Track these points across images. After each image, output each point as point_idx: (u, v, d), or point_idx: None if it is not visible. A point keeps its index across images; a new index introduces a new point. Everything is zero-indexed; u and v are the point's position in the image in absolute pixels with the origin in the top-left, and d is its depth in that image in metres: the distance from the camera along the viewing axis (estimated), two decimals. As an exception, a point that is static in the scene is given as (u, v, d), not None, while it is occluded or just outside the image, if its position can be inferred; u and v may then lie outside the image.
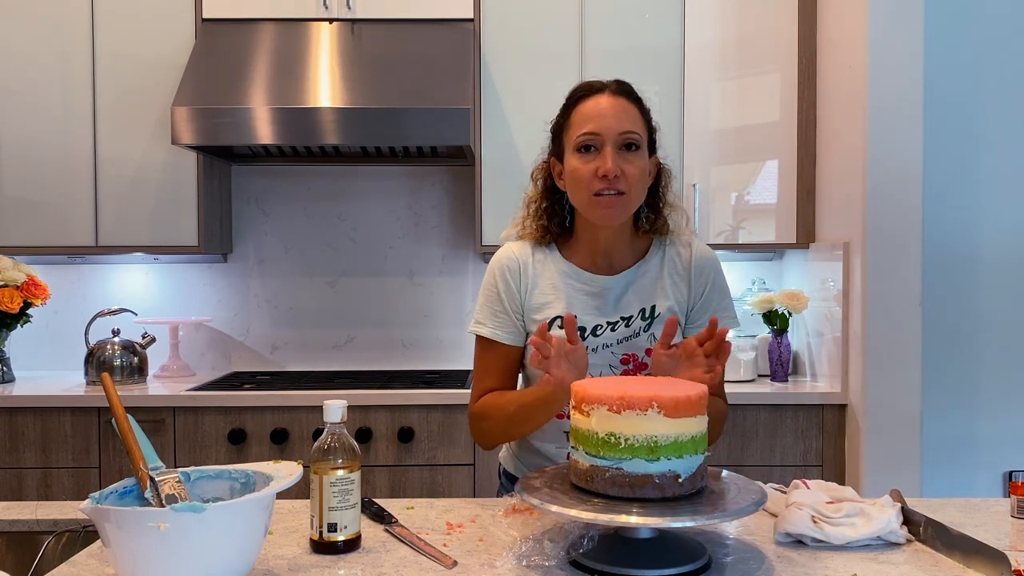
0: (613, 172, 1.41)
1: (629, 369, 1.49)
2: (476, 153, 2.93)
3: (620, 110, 1.44)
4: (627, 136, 1.43)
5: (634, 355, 1.49)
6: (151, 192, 2.93)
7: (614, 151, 1.42)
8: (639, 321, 1.50)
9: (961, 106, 3.03)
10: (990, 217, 3.04)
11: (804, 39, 2.96)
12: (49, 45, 2.90)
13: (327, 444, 1.19)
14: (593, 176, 1.42)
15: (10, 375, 2.95)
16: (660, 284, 1.53)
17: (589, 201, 1.44)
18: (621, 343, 1.49)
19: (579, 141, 1.44)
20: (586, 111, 1.45)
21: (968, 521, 1.35)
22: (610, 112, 1.43)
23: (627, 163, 1.43)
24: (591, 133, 1.43)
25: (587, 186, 1.43)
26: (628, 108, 1.45)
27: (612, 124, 1.42)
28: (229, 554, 1.02)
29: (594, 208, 1.44)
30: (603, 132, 1.42)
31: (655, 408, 1.07)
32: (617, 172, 1.41)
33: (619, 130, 1.42)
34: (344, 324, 3.28)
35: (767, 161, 3.00)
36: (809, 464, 2.72)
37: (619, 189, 1.42)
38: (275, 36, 2.89)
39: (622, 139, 1.43)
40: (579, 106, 1.47)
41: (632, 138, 1.43)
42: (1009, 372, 3.06)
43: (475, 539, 1.26)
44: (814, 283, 2.96)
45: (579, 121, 1.45)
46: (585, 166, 1.43)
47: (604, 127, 1.42)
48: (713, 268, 1.55)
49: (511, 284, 1.53)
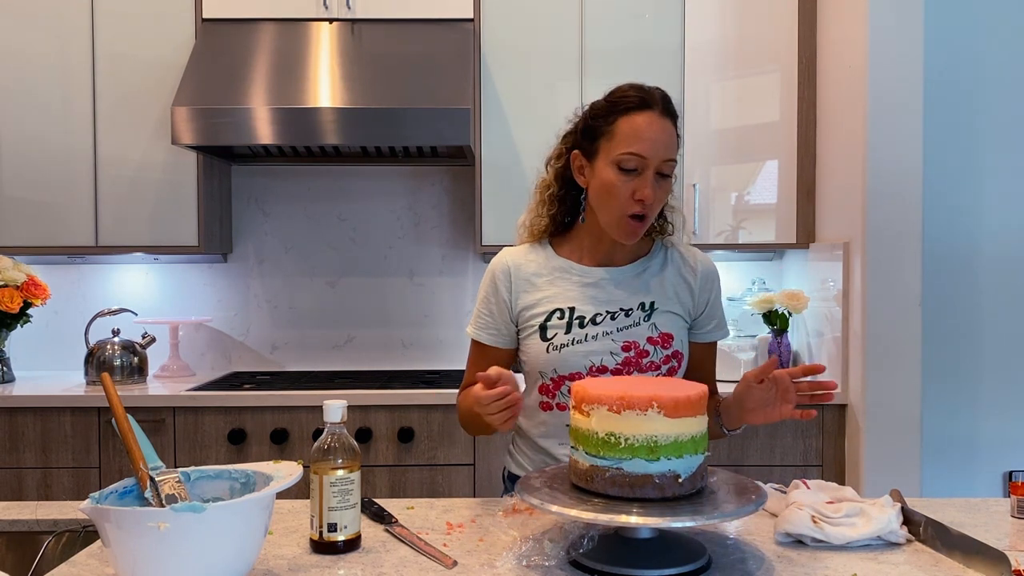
0: (651, 200, 1.42)
1: (631, 356, 1.49)
2: (476, 153, 2.93)
3: (668, 135, 1.43)
4: (668, 164, 1.43)
5: (635, 343, 1.50)
6: (151, 192, 2.93)
7: (654, 177, 1.42)
8: (639, 312, 1.52)
9: (961, 106, 3.03)
10: (990, 217, 3.04)
11: (804, 39, 2.96)
12: (49, 45, 2.90)
13: (327, 444, 1.19)
14: (630, 198, 1.42)
15: (10, 375, 2.95)
16: (661, 284, 1.55)
17: (619, 220, 1.45)
18: (621, 331, 1.50)
19: (623, 159, 1.41)
20: (636, 128, 1.41)
21: (968, 521, 1.35)
22: (660, 137, 1.41)
23: (660, 189, 1.44)
24: (640, 156, 1.41)
25: (621, 206, 1.44)
26: (672, 132, 1.44)
27: (660, 152, 1.41)
28: (229, 554, 1.02)
29: (622, 227, 1.45)
30: (651, 157, 1.41)
31: (655, 408, 1.07)
32: (652, 200, 1.42)
33: (664, 158, 1.42)
34: (344, 324, 3.28)
35: (767, 161, 3.00)
36: (809, 464, 2.72)
37: (646, 214, 1.44)
38: (275, 36, 2.89)
39: (664, 167, 1.43)
40: (629, 118, 1.42)
41: (671, 166, 1.44)
42: (1009, 372, 3.06)
43: (475, 539, 1.26)
44: (814, 283, 2.96)
45: (627, 136, 1.41)
46: (624, 185, 1.42)
47: (653, 152, 1.41)
48: (716, 279, 1.59)
49: (500, 289, 1.56)
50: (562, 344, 1.50)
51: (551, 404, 1.52)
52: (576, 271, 1.54)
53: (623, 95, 1.45)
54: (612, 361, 1.49)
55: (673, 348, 1.51)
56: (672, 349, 1.51)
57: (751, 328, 3.12)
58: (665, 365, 1.50)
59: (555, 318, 1.51)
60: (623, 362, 1.49)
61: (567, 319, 1.51)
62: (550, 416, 1.53)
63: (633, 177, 1.42)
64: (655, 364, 1.49)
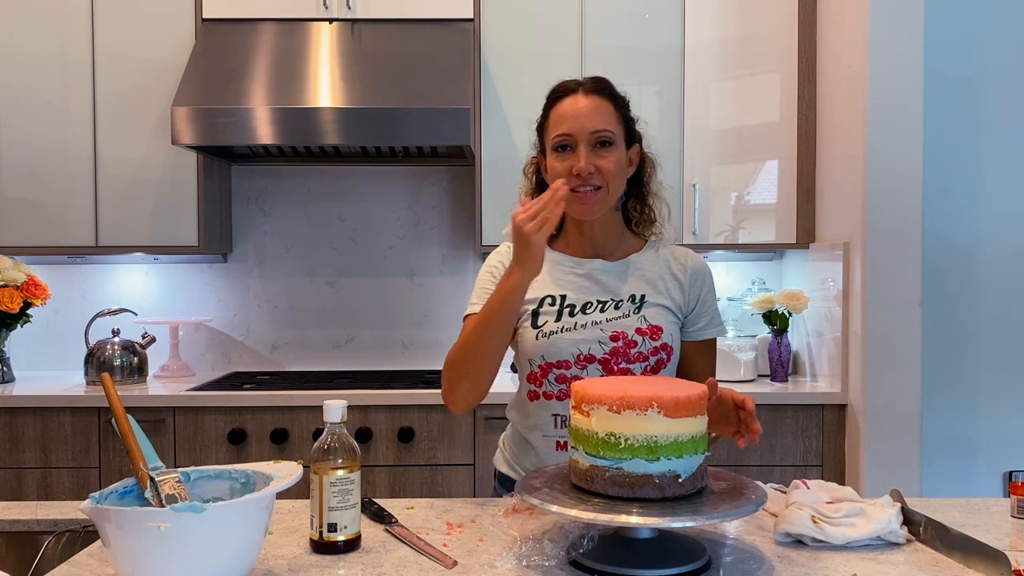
0: (587, 170, 1.47)
1: (619, 346, 1.50)
2: (476, 153, 2.93)
3: (592, 109, 1.50)
4: (599, 135, 1.49)
5: (623, 333, 1.51)
6: (151, 192, 2.93)
7: (587, 149, 1.48)
8: (628, 304, 1.54)
9: (961, 106, 3.03)
10: (990, 217, 3.04)
11: (804, 39, 2.96)
12: (49, 45, 2.90)
13: (327, 444, 1.19)
14: (568, 174, 1.48)
15: (10, 375, 2.95)
16: (652, 278, 1.57)
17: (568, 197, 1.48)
18: (611, 321, 1.52)
19: (555, 141, 1.51)
20: (561, 112, 1.51)
21: (968, 521, 1.35)
22: (583, 112, 1.49)
23: (601, 159, 1.49)
24: (565, 134, 1.49)
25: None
26: (601, 106, 1.51)
27: (585, 124, 1.48)
28: (229, 554, 1.02)
29: (572, 204, 1.50)
30: (576, 133, 1.48)
31: (655, 408, 1.07)
32: (591, 169, 1.47)
33: (591, 129, 1.48)
34: (344, 324, 3.28)
35: (767, 161, 3.00)
36: (809, 464, 2.72)
37: (595, 184, 1.48)
38: (275, 36, 2.89)
39: (595, 138, 1.49)
40: (556, 107, 1.53)
41: (604, 136, 1.49)
42: (1009, 372, 3.06)
43: (475, 539, 1.26)
44: (814, 283, 2.96)
45: (555, 122, 1.52)
46: (561, 164, 1.50)
47: (577, 128, 1.48)
48: (707, 276, 1.61)
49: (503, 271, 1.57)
50: (551, 331, 1.51)
51: (538, 393, 1.53)
52: (569, 262, 1.59)
53: (552, 90, 1.56)
54: (600, 350, 1.49)
55: (662, 340, 1.51)
56: (661, 341, 1.51)
57: (751, 328, 3.12)
58: (653, 356, 1.50)
59: (547, 304, 1.54)
60: (610, 352, 1.49)
61: (558, 306, 1.53)
62: (536, 406, 1.54)
63: (569, 154, 1.49)
64: (643, 355, 1.50)
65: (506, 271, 1.42)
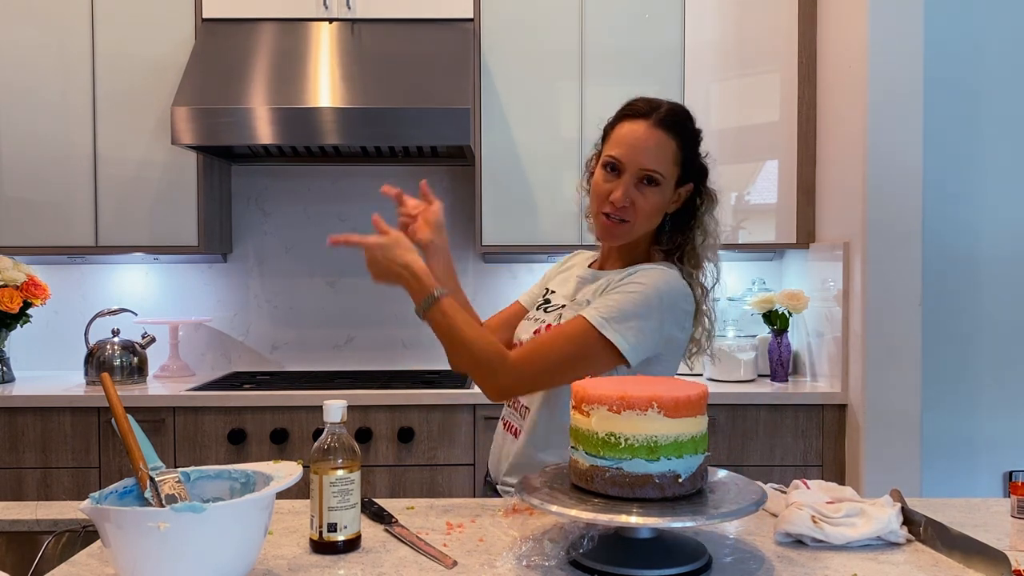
0: (621, 203, 1.45)
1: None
2: (476, 153, 2.93)
3: (652, 145, 1.45)
4: (648, 173, 1.45)
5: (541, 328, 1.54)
6: (151, 192, 2.93)
7: (631, 182, 1.45)
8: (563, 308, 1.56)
9: (961, 106, 3.03)
10: (990, 217, 3.04)
11: (804, 39, 2.96)
12: (49, 45, 2.90)
13: (327, 444, 1.19)
14: (605, 197, 1.47)
15: (10, 375, 2.95)
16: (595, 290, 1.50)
17: (596, 216, 1.51)
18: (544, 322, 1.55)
19: (606, 159, 1.48)
20: (623, 133, 1.47)
21: (968, 521, 1.35)
22: (641, 146, 1.45)
23: (641, 196, 1.45)
24: (616, 158, 1.46)
25: (598, 203, 1.49)
26: (664, 144, 1.45)
27: (638, 158, 1.44)
28: (229, 554, 1.02)
29: (598, 225, 1.51)
30: (626, 162, 1.45)
31: (655, 408, 1.07)
32: (626, 203, 1.45)
33: (642, 165, 1.44)
34: (344, 324, 3.28)
35: (767, 161, 3.00)
36: (809, 464, 2.72)
37: (624, 217, 1.46)
38: (275, 36, 2.89)
39: (642, 174, 1.45)
40: (621, 124, 1.49)
41: (652, 176, 1.45)
42: (1009, 372, 3.06)
43: (475, 539, 1.26)
44: (814, 283, 2.96)
45: (615, 139, 1.48)
46: (603, 184, 1.48)
47: (629, 158, 1.45)
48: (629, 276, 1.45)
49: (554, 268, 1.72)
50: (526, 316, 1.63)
51: None
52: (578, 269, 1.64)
53: (630, 104, 1.51)
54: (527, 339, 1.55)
55: None
56: None
57: (751, 328, 3.12)
58: None
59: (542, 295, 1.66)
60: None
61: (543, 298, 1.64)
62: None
63: (614, 178, 1.47)
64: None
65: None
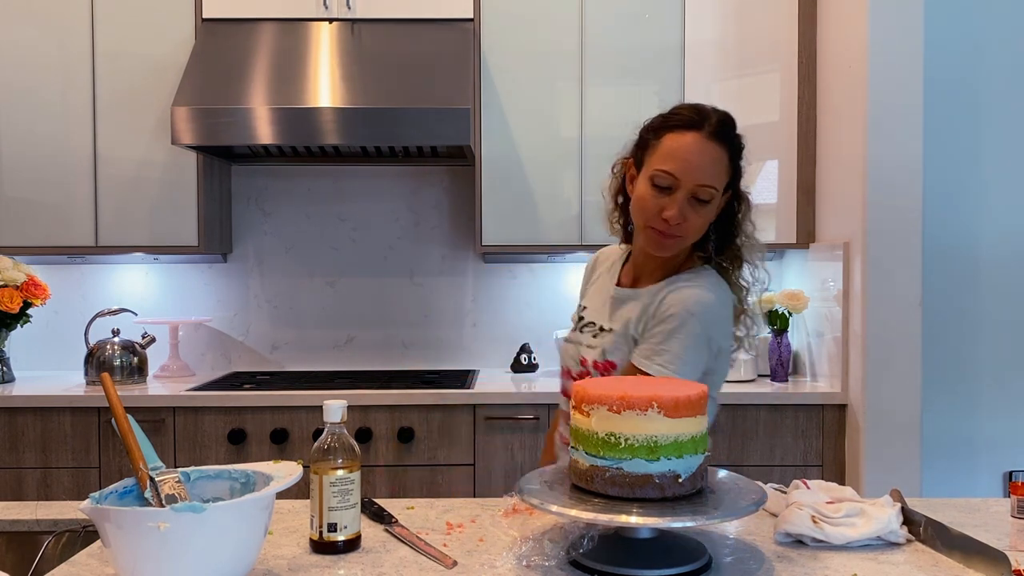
0: (675, 221, 1.37)
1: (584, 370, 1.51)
2: (476, 153, 2.93)
3: (709, 161, 1.38)
4: (703, 189, 1.37)
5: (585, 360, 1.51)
6: (151, 192, 2.92)
7: (684, 199, 1.37)
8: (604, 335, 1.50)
9: (961, 106, 3.03)
10: (990, 217, 3.04)
11: (804, 39, 2.96)
12: (49, 45, 2.90)
13: (327, 444, 1.19)
14: (657, 215, 1.38)
15: (10, 375, 2.95)
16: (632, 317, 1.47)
17: (645, 230, 1.42)
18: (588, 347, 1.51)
19: (656, 175, 1.39)
20: (676, 146, 1.38)
21: (968, 521, 1.35)
22: (697, 161, 1.37)
23: (693, 213, 1.39)
24: (670, 174, 1.37)
25: (647, 219, 1.41)
26: (719, 157, 1.39)
27: (694, 175, 1.37)
28: (229, 554, 1.02)
29: (648, 237, 1.42)
30: (682, 179, 1.37)
31: (655, 408, 1.07)
32: (680, 220, 1.37)
33: (698, 182, 1.37)
34: (344, 324, 3.28)
35: (767, 161, 3.00)
36: (809, 464, 2.72)
37: (677, 234, 1.40)
38: (275, 36, 2.89)
39: (697, 190, 1.37)
40: (673, 134, 1.40)
41: (707, 193, 1.38)
42: (1009, 372, 3.06)
43: (475, 539, 1.26)
44: (814, 283, 2.96)
45: (664, 153, 1.39)
46: (653, 200, 1.39)
47: (684, 174, 1.37)
48: (673, 319, 1.40)
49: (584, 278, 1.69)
50: (565, 337, 1.61)
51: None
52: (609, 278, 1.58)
53: (676, 112, 1.43)
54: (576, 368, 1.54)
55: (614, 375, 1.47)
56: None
57: (751, 328, 3.12)
58: None
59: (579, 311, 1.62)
60: (578, 374, 1.54)
61: (579, 314, 1.60)
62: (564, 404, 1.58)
63: (664, 195, 1.38)
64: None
65: None
